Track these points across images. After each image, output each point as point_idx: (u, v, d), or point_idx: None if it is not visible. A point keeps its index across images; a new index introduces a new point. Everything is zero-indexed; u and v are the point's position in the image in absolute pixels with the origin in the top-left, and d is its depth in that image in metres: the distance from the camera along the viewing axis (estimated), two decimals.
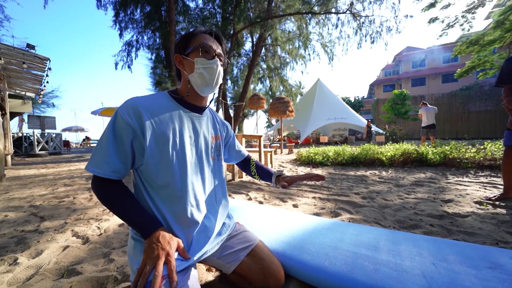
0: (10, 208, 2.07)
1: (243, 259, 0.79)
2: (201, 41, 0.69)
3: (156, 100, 0.69)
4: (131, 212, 0.62)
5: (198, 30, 0.72)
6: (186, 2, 11.93)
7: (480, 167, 3.50)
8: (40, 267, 1.06)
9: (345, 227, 1.19)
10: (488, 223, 1.47)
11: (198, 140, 0.74)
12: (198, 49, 0.68)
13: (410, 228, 1.43)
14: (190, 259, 0.67)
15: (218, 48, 0.73)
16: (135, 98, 0.67)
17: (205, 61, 0.68)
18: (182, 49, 0.71)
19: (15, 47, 3.62)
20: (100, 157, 0.61)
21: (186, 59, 0.70)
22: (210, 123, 0.82)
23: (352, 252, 0.91)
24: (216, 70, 0.71)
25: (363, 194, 2.32)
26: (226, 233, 0.85)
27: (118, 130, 0.62)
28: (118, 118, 0.62)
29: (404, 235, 1.07)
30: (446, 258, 0.84)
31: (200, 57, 0.68)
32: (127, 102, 0.65)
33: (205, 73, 0.68)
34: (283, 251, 0.97)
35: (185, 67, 0.71)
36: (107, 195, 0.63)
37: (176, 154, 0.67)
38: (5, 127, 5.03)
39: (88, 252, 1.21)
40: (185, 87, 0.73)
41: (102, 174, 0.61)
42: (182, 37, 0.73)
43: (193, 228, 0.71)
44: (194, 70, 0.69)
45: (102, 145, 0.62)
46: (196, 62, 0.68)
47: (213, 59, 0.70)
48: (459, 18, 8.95)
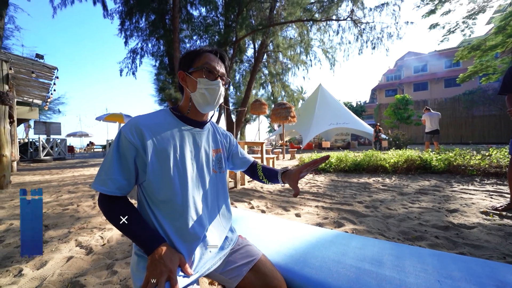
0: (15, 216, 2.10)
1: (245, 274, 0.79)
2: (205, 61, 0.71)
3: (158, 118, 0.71)
4: (134, 228, 0.64)
5: (203, 49, 0.74)
6: (190, 11, 12.23)
7: (486, 175, 3.44)
8: (45, 279, 1.07)
9: (349, 239, 1.18)
10: (495, 235, 1.44)
11: (199, 155, 0.76)
12: (202, 70, 0.70)
13: (414, 240, 1.41)
14: (192, 275, 0.67)
15: (221, 68, 0.75)
16: (138, 117, 0.70)
17: (207, 82, 0.70)
18: (186, 67, 0.74)
19: (24, 57, 3.74)
20: (105, 175, 0.63)
21: (189, 77, 0.72)
22: (211, 137, 0.83)
23: (356, 267, 0.90)
24: (218, 91, 0.73)
25: (366, 202, 2.30)
26: (228, 247, 0.84)
27: (122, 149, 0.64)
28: (121, 137, 0.64)
29: (408, 249, 1.05)
30: (451, 275, 0.82)
31: (203, 78, 0.70)
32: (130, 121, 0.68)
33: (207, 93, 0.71)
34: (286, 264, 0.96)
35: (187, 84, 0.73)
36: (112, 212, 0.65)
37: (177, 170, 0.69)
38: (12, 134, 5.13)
39: (91, 263, 1.21)
40: (187, 104, 0.75)
41: (108, 191, 0.63)
42: (187, 54, 0.74)
43: (196, 243, 0.71)
44: (196, 89, 0.71)
45: (107, 163, 0.64)
46: (199, 82, 0.70)
47: (215, 80, 0.72)
48: (460, 24, 8.99)
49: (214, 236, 0.78)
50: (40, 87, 5.42)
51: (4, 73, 3.31)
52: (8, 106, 3.43)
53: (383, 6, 10.68)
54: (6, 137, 3.44)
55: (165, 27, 11.22)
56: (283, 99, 13.12)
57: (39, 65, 4.07)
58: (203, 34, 12.55)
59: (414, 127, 16.07)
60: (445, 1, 8.63)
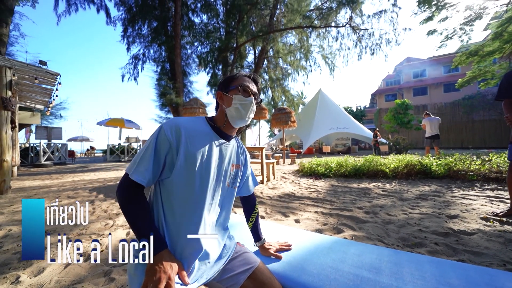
0: (14, 222, 2.09)
1: (243, 282, 0.79)
2: (241, 82, 0.81)
3: (196, 124, 0.78)
4: (143, 225, 0.66)
5: (240, 74, 0.83)
6: (191, 18, 12.45)
7: (486, 180, 3.43)
8: (42, 286, 1.07)
9: (347, 246, 1.17)
10: (495, 241, 1.43)
11: (221, 166, 0.81)
12: (238, 88, 0.79)
13: (414, 247, 1.40)
14: (189, 284, 0.67)
15: (254, 88, 0.83)
16: (179, 118, 0.77)
17: (242, 98, 0.79)
18: (224, 88, 0.82)
19: (28, 64, 3.81)
20: (143, 166, 0.67)
21: (226, 96, 0.80)
22: (234, 151, 0.88)
23: (354, 274, 0.90)
24: (250, 107, 0.81)
25: (366, 208, 2.29)
26: (226, 255, 0.85)
27: (159, 143, 0.69)
28: (161, 132, 0.70)
29: (407, 256, 1.05)
30: (449, 282, 0.82)
31: (239, 95, 0.79)
32: (172, 120, 0.74)
33: (241, 108, 0.79)
34: (284, 272, 0.96)
35: (224, 101, 0.81)
36: (131, 200, 0.67)
37: (199, 176, 0.73)
38: (14, 139, 5.16)
39: (89, 270, 1.21)
40: (222, 118, 0.82)
41: (142, 181, 0.67)
42: (226, 78, 0.84)
43: (196, 250, 0.72)
44: (231, 104, 0.79)
45: (146, 155, 0.68)
46: (234, 98, 0.78)
47: (249, 97, 0.80)
48: (457, 30, 9.12)
49: (214, 245, 0.79)
50: (43, 92, 5.49)
51: (7, 79, 3.36)
52: (10, 111, 3.47)
53: (381, 13, 10.88)
54: (8, 143, 3.46)
55: (167, 34, 11.41)
56: (283, 104, 13.20)
57: (42, 71, 4.14)
58: (204, 40, 12.75)
59: (414, 132, 16.10)
60: (442, 8, 8.78)
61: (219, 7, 12.40)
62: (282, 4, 11.67)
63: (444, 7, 8.76)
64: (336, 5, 10.77)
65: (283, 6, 11.79)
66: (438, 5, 8.71)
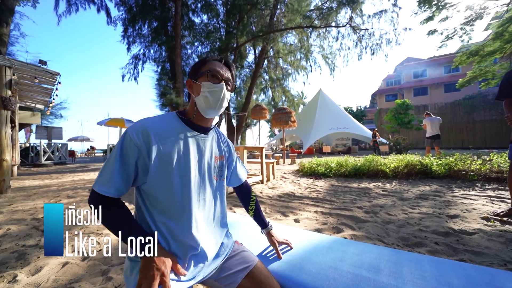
0: (13, 221, 2.09)
1: (241, 281, 0.78)
2: (210, 67, 0.73)
3: (165, 122, 0.72)
4: (127, 230, 0.63)
5: (209, 57, 0.77)
6: (192, 18, 12.46)
7: (487, 180, 3.42)
8: (39, 285, 1.06)
9: (347, 245, 1.16)
10: (496, 241, 1.42)
11: (201, 161, 0.76)
12: (206, 74, 0.73)
13: (414, 246, 1.39)
14: (185, 280, 0.67)
15: (226, 73, 0.76)
16: (146, 119, 0.70)
17: (211, 85, 0.72)
18: (193, 75, 0.76)
19: (28, 63, 3.81)
20: (107, 175, 0.63)
21: (195, 83, 0.74)
22: (215, 143, 0.84)
23: (353, 273, 0.89)
24: (221, 94, 0.74)
25: (366, 208, 2.28)
26: (224, 254, 0.84)
27: (125, 150, 0.64)
28: (126, 138, 0.64)
29: (407, 255, 1.04)
30: (449, 282, 0.81)
31: (207, 81, 0.72)
32: (137, 123, 0.68)
33: (209, 96, 0.72)
34: (282, 271, 0.95)
35: (193, 90, 0.75)
36: (104, 213, 0.64)
37: (179, 175, 0.69)
38: (14, 138, 5.16)
39: (86, 269, 1.20)
40: (192, 109, 0.77)
41: (107, 193, 0.62)
42: (195, 64, 0.77)
43: (191, 250, 0.71)
44: (200, 93, 0.73)
45: (110, 164, 0.64)
46: (203, 86, 0.72)
47: (219, 83, 0.73)
48: (457, 30, 9.10)
49: (210, 243, 0.78)
50: (43, 92, 5.49)
51: (7, 79, 3.36)
52: (10, 111, 3.47)
53: (382, 13, 10.86)
54: (7, 142, 3.46)
55: (167, 34, 11.42)
56: (283, 104, 13.20)
57: (42, 70, 4.14)
58: (205, 40, 12.75)
59: (414, 132, 16.07)
60: (442, 8, 8.76)
61: (219, 7, 12.42)
62: (282, 4, 11.67)
63: (444, 7, 8.75)
64: (336, 5, 10.76)
65: (283, 6, 11.79)
66: (438, 5, 8.69)
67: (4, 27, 7.04)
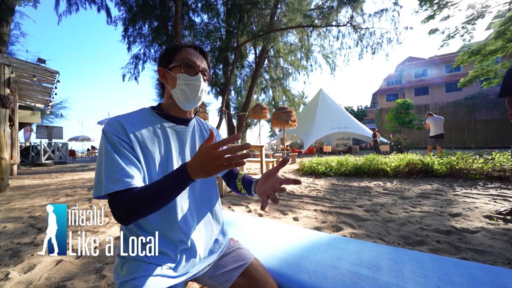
0: (9, 219, 2.07)
1: (236, 279, 0.75)
2: (184, 56, 0.67)
3: (139, 116, 0.67)
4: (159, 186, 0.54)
5: (182, 44, 0.70)
6: (192, 17, 12.45)
7: (489, 179, 3.37)
8: (31, 283, 1.04)
9: (346, 243, 1.14)
10: (499, 239, 1.39)
11: (184, 153, 0.73)
12: (181, 65, 0.67)
13: (415, 245, 1.36)
14: (178, 276, 0.64)
15: (202, 63, 0.71)
16: (117, 116, 0.66)
17: (187, 77, 0.67)
18: (165, 63, 0.69)
19: (26, 62, 3.80)
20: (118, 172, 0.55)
21: (169, 74, 0.68)
22: (197, 133, 0.80)
23: (352, 272, 0.86)
24: (199, 87, 0.69)
25: (366, 206, 2.25)
26: (218, 251, 0.81)
27: (113, 144, 0.58)
28: (108, 136, 0.59)
29: (407, 253, 1.01)
30: (452, 280, 0.78)
31: (183, 73, 0.67)
32: (110, 120, 0.63)
33: (187, 89, 0.67)
34: (279, 269, 0.92)
35: (167, 81, 0.70)
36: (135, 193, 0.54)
37: (162, 168, 0.66)
38: (13, 137, 5.16)
39: (80, 267, 1.18)
40: (167, 101, 0.72)
41: (127, 185, 0.55)
42: (166, 50, 0.70)
43: (181, 244, 0.68)
44: (176, 85, 0.67)
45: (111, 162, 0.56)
46: (179, 78, 0.67)
47: (196, 75, 0.68)
48: (459, 29, 9.04)
49: (203, 239, 0.75)
50: (42, 91, 5.49)
51: (6, 77, 3.35)
52: (9, 109, 3.46)
53: (383, 12, 10.81)
54: (6, 140, 3.45)
55: (167, 33, 11.42)
56: (284, 104, 13.17)
57: (40, 69, 4.13)
58: (205, 40, 12.73)
59: (416, 132, 15.99)
60: (444, 6, 8.71)
61: (219, 7, 12.41)
62: (283, 3, 11.64)
63: (445, 5, 8.69)
64: (337, 4, 10.73)
65: (283, 6, 11.76)
66: (439, 3, 8.64)
67: (4, 26, 7.05)
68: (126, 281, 0.59)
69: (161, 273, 0.62)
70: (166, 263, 0.65)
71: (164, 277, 0.61)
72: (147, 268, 0.62)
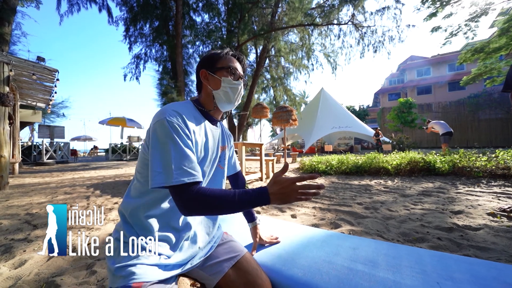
0: (6, 216, 2.07)
1: (227, 271, 0.74)
2: (229, 63, 0.75)
3: (189, 110, 0.71)
4: (237, 198, 0.57)
5: (226, 52, 0.78)
6: (193, 17, 12.46)
7: (493, 176, 3.31)
8: (20, 278, 1.02)
9: (343, 239, 1.10)
10: (503, 237, 1.34)
11: (213, 150, 0.77)
12: (227, 70, 0.74)
13: (415, 242, 1.33)
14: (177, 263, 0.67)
15: (241, 70, 0.80)
16: (171, 104, 0.67)
17: (231, 82, 0.75)
18: (209, 66, 0.76)
19: (26, 60, 3.81)
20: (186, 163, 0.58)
21: (213, 76, 0.75)
22: (221, 134, 0.85)
23: (347, 267, 0.83)
24: (240, 91, 0.78)
25: (366, 204, 2.21)
26: (212, 242, 0.83)
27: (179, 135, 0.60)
28: (172, 126, 0.60)
29: (406, 249, 0.97)
30: (452, 276, 0.74)
31: (228, 77, 0.74)
32: (166, 109, 0.64)
33: (230, 92, 0.75)
34: (273, 265, 0.89)
35: (210, 82, 0.76)
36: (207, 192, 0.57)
37: (200, 160, 0.70)
38: (14, 136, 5.18)
39: (71, 263, 1.16)
40: (210, 101, 0.77)
41: (196, 178, 0.58)
42: (211, 55, 0.77)
43: (185, 233, 0.71)
44: (220, 87, 0.74)
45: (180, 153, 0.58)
46: (223, 81, 0.74)
47: (238, 80, 0.77)
48: (462, 27, 8.93)
49: (203, 231, 0.79)
50: (43, 90, 5.51)
51: (5, 75, 3.36)
52: (8, 107, 3.47)
53: (384, 10, 10.72)
54: (5, 138, 3.45)
55: (168, 33, 11.43)
56: (285, 103, 13.12)
57: (40, 67, 4.14)
58: (206, 39, 12.73)
59: (418, 131, 15.84)
60: (446, 4, 8.61)
61: (220, 6, 12.40)
62: (284, 2, 11.59)
63: (448, 3, 8.59)
64: (338, 3, 10.66)
65: (284, 4, 11.71)
66: (442, 0, 8.53)
67: (6, 26, 7.10)
68: (122, 267, 0.60)
69: (158, 263, 0.63)
70: (165, 252, 0.66)
71: (161, 267, 0.62)
72: (145, 256, 0.62)
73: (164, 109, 0.64)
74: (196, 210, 0.58)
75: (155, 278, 0.59)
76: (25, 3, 9.67)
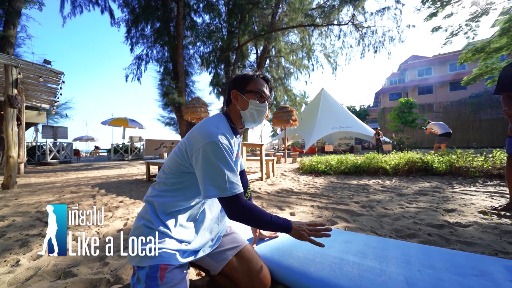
0: (18, 214, 2.16)
1: (231, 258, 0.83)
2: (258, 86, 0.84)
3: (227, 129, 0.83)
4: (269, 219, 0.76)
5: (256, 75, 0.86)
6: (194, 18, 12.54)
7: (489, 176, 3.37)
8: (39, 268, 1.11)
9: (337, 234, 1.18)
10: (490, 233, 1.42)
11: (235, 158, 0.89)
12: (255, 93, 0.83)
13: (407, 238, 1.40)
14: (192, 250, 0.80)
15: (268, 91, 0.88)
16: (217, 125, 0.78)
17: (258, 104, 0.84)
18: (239, 87, 0.85)
19: (33, 63, 3.91)
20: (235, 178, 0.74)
21: (242, 97, 0.84)
22: (238, 145, 0.96)
23: (339, 258, 0.91)
24: (265, 113, 0.87)
25: (362, 203, 2.28)
26: (219, 233, 0.93)
27: (229, 154, 0.74)
28: (224, 147, 0.73)
29: (395, 243, 1.05)
30: (433, 265, 0.82)
31: (255, 100, 0.83)
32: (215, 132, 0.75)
33: (256, 113, 0.85)
34: (271, 256, 0.98)
35: (238, 102, 0.85)
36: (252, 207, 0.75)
37: None
38: (20, 137, 5.30)
39: (85, 256, 1.24)
40: (239, 119, 0.88)
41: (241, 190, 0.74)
42: (241, 77, 0.86)
43: (202, 223, 0.87)
44: (247, 108, 0.84)
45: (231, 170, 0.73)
46: (251, 103, 0.83)
47: (264, 103, 0.85)
48: (462, 27, 8.94)
49: (215, 223, 0.92)
50: (48, 91, 5.62)
51: (13, 78, 3.46)
52: (16, 109, 3.57)
53: (384, 10, 10.76)
54: (14, 139, 3.56)
55: (169, 34, 11.52)
56: (285, 103, 13.18)
57: (46, 70, 4.25)
58: (207, 40, 12.81)
59: (419, 131, 15.83)
60: (447, 4, 8.63)
61: (221, 7, 12.46)
62: (284, 3, 11.65)
63: (448, 3, 8.61)
64: (338, 3, 10.70)
65: (285, 5, 11.76)
66: (442, 0, 8.56)
67: (11, 29, 7.22)
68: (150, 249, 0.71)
69: (180, 248, 0.75)
70: (186, 239, 0.79)
71: (180, 253, 0.74)
72: (169, 243, 0.74)
73: (212, 131, 0.75)
74: (240, 220, 0.74)
75: (177, 263, 0.71)
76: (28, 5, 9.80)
